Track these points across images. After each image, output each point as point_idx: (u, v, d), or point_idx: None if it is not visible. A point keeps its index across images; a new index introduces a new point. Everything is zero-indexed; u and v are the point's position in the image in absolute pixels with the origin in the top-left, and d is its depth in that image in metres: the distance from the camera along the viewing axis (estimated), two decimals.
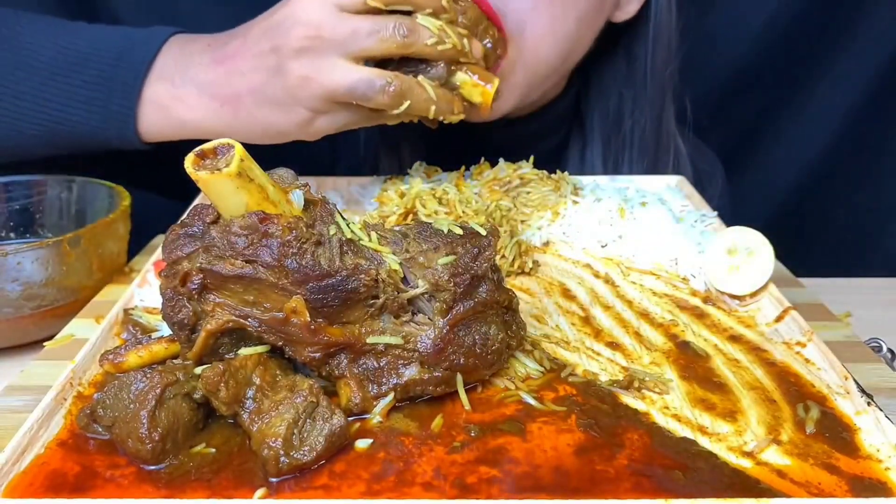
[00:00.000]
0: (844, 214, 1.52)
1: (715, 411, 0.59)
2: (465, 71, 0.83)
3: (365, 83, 0.78)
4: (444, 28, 0.80)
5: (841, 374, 0.61)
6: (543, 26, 0.91)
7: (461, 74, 0.83)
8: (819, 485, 0.51)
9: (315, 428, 0.53)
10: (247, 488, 0.50)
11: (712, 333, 0.70)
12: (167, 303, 0.56)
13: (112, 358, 0.59)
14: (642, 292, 0.77)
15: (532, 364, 0.64)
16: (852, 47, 1.41)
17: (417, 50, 0.79)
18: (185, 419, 0.54)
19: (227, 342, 0.57)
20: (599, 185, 0.94)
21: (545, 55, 0.94)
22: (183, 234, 0.57)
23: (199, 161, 0.53)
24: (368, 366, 0.58)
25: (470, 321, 0.59)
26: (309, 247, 0.55)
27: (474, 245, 0.59)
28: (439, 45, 0.79)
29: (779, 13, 1.41)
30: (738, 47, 1.44)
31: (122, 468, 0.52)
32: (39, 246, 0.73)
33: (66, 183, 0.90)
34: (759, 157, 1.52)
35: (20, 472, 0.51)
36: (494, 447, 0.54)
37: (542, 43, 0.92)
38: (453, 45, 0.80)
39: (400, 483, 0.51)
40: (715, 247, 0.76)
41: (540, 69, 0.95)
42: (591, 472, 0.52)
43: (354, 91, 0.78)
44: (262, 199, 0.55)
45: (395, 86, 0.78)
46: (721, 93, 1.46)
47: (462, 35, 0.82)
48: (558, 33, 0.93)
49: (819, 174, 1.50)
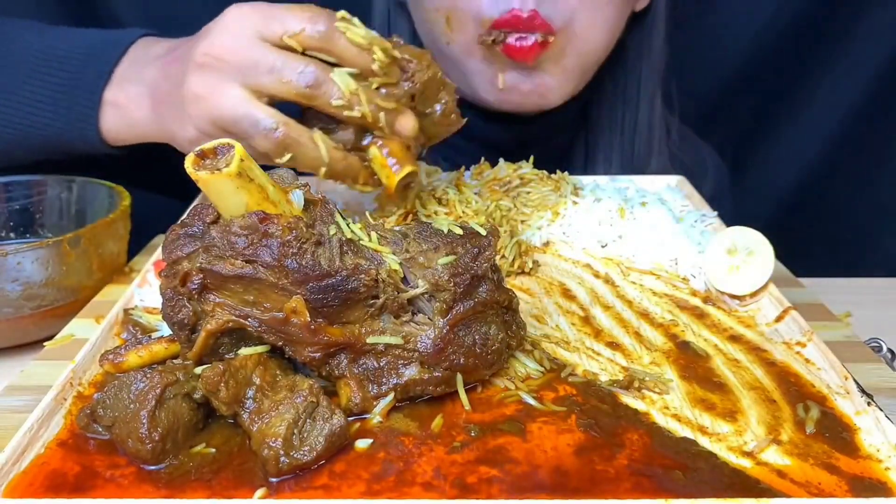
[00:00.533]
0: (844, 214, 1.52)
1: (715, 411, 0.59)
2: (379, 145, 0.75)
3: (249, 119, 0.71)
4: (358, 93, 0.71)
5: (841, 374, 0.61)
6: (592, 15, 0.95)
7: (374, 147, 0.75)
8: (819, 485, 0.51)
9: (315, 428, 0.53)
10: (247, 488, 0.50)
11: (712, 333, 0.70)
12: (167, 303, 0.56)
13: (112, 358, 0.59)
14: (642, 292, 0.77)
15: (532, 364, 0.64)
16: (852, 47, 1.41)
17: (320, 105, 0.72)
18: (185, 419, 0.54)
19: (227, 342, 0.57)
20: (599, 185, 0.94)
21: (595, 42, 0.98)
22: (183, 234, 0.57)
23: (199, 161, 0.53)
24: (368, 366, 0.58)
25: (470, 321, 0.59)
26: (309, 247, 0.55)
27: (474, 245, 0.59)
28: (345, 110, 0.71)
29: (779, 13, 1.41)
30: (739, 47, 1.44)
31: (122, 468, 0.52)
32: (39, 246, 0.73)
33: (66, 183, 0.90)
34: (759, 156, 1.52)
35: (20, 472, 0.51)
36: (494, 447, 0.54)
37: (590, 30, 0.96)
38: (362, 114, 0.71)
39: (400, 483, 0.51)
40: (715, 247, 0.76)
41: (591, 56, 1.00)
42: (591, 472, 0.52)
43: (238, 124, 0.72)
44: (262, 199, 0.55)
45: (280, 132, 0.71)
46: (721, 92, 1.47)
47: (384, 107, 0.72)
48: (604, 21, 0.97)
49: (819, 174, 1.50)
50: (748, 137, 1.51)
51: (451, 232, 0.60)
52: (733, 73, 1.46)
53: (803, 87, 1.46)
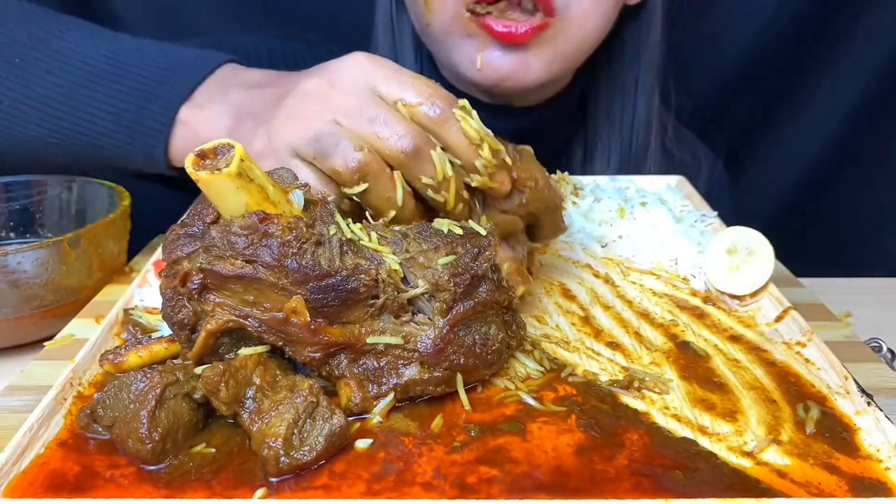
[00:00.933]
0: (844, 214, 1.52)
1: (715, 411, 0.59)
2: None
3: (332, 138, 0.65)
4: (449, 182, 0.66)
5: (841, 374, 0.61)
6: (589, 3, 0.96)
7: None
8: (819, 485, 0.51)
9: (315, 428, 0.53)
10: (247, 488, 0.50)
11: (712, 333, 0.70)
12: (167, 303, 0.56)
13: (112, 358, 0.59)
14: (642, 292, 0.77)
15: (532, 364, 0.64)
16: (852, 47, 1.41)
17: (407, 174, 0.66)
18: (185, 419, 0.54)
19: (227, 342, 0.57)
20: (599, 185, 0.94)
21: (589, 29, 0.99)
22: (183, 234, 0.57)
23: (199, 161, 0.53)
24: (368, 366, 0.58)
25: (470, 321, 0.59)
26: (309, 247, 0.55)
27: (474, 245, 0.59)
28: (430, 190, 0.66)
29: (779, 13, 1.41)
30: (738, 47, 1.45)
31: (122, 468, 0.52)
32: (39, 246, 0.73)
33: (66, 183, 0.90)
34: (759, 156, 1.52)
35: (20, 472, 0.51)
36: (494, 447, 0.54)
37: (587, 18, 0.97)
38: (445, 201, 0.66)
39: (400, 483, 0.51)
40: (715, 247, 0.76)
41: (581, 43, 1.01)
42: (591, 472, 0.52)
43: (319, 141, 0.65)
44: (262, 199, 0.55)
45: (362, 157, 0.64)
46: (720, 92, 1.47)
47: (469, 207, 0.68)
48: (599, 10, 0.98)
49: (819, 174, 1.50)
50: (748, 137, 1.51)
51: (451, 232, 0.60)
52: (733, 73, 1.46)
53: (803, 86, 1.46)
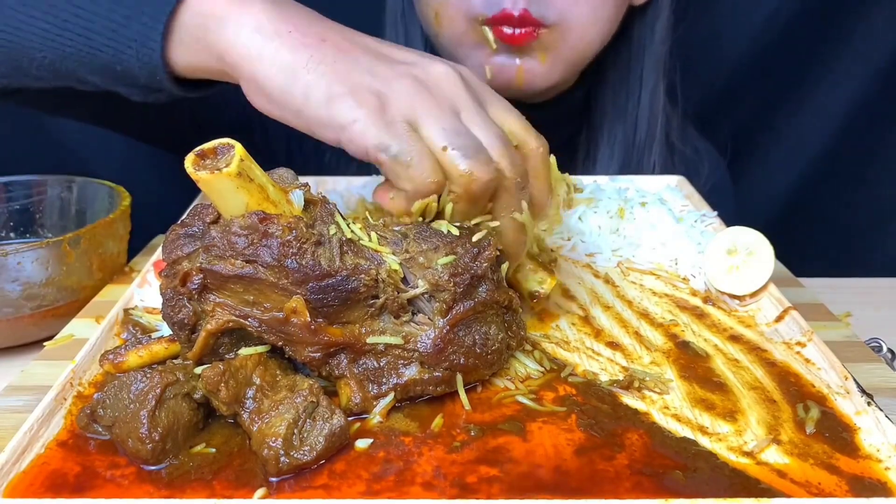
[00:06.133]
0: (844, 214, 1.52)
1: (715, 411, 0.59)
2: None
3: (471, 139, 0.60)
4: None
5: (841, 374, 0.61)
6: (588, 10, 0.97)
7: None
8: (819, 485, 0.51)
9: (315, 428, 0.53)
10: (247, 488, 0.50)
11: (712, 333, 0.70)
12: (167, 303, 0.56)
13: (112, 358, 0.59)
14: (642, 292, 0.77)
15: (532, 364, 0.64)
16: (852, 47, 1.41)
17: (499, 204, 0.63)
18: (185, 419, 0.54)
19: (227, 342, 0.57)
20: (599, 185, 0.94)
21: (590, 35, 1.00)
22: (183, 234, 0.57)
23: (199, 161, 0.53)
24: (368, 366, 0.58)
25: (470, 321, 0.59)
26: (309, 247, 0.55)
27: (474, 245, 0.59)
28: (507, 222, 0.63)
29: (779, 12, 1.41)
30: (738, 47, 1.44)
31: (122, 468, 0.52)
32: (39, 246, 0.73)
33: (66, 183, 0.90)
34: (759, 156, 1.52)
35: (20, 472, 0.51)
36: (494, 447, 0.54)
37: (586, 25, 0.98)
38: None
39: (400, 483, 0.51)
40: (715, 247, 0.76)
41: (584, 49, 1.02)
42: (592, 472, 0.52)
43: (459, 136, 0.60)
44: (262, 199, 0.55)
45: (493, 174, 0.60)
46: (721, 92, 1.46)
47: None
48: (600, 16, 0.99)
49: (819, 174, 1.50)
50: (748, 137, 1.51)
51: (450, 232, 0.60)
52: (733, 72, 1.46)
53: (803, 86, 1.46)
